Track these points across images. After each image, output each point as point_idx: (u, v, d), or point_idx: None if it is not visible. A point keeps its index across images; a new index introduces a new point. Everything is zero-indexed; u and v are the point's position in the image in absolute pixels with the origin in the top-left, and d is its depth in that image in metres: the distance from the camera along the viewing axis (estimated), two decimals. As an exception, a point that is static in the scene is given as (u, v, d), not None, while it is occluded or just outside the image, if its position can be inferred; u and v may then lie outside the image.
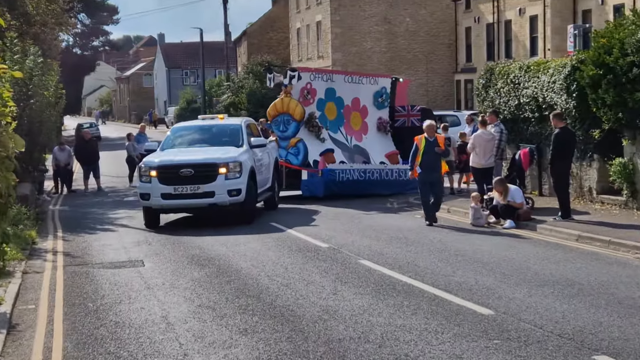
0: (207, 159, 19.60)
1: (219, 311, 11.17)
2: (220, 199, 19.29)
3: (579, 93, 19.60)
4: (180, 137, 21.69)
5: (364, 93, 27.33)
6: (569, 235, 16.32)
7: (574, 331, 9.56)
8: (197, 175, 19.21)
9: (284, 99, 25.62)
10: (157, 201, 19.34)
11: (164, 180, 19.26)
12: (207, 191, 19.23)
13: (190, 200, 19.32)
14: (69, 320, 11.12)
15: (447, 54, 52.70)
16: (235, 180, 19.39)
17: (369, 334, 9.74)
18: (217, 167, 19.32)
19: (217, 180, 19.25)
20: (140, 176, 19.77)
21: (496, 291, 11.76)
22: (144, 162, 19.92)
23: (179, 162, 19.52)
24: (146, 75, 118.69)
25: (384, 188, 25.47)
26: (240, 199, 19.48)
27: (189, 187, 19.18)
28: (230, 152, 19.97)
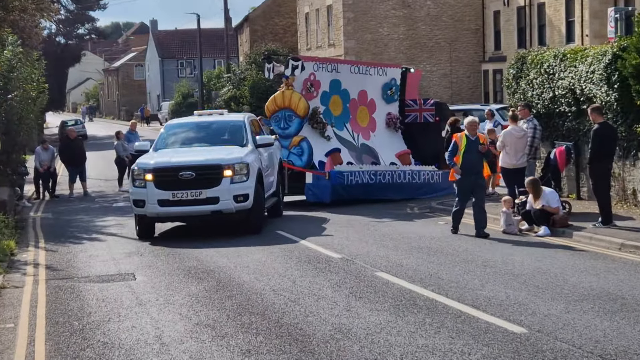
0: (210, 160, 19.15)
1: (219, 330, 11.18)
2: (225, 205, 18.88)
3: (621, 84, 19.55)
4: (175, 135, 21.29)
5: (372, 85, 27.21)
6: (610, 243, 16.27)
7: (617, 351, 9.53)
8: (199, 178, 18.78)
9: (286, 92, 25.29)
10: (153, 208, 18.89)
11: (161, 184, 18.84)
12: (211, 197, 18.80)
13: (191, 208, 18.89)
14: (52, 340, 11.14)
15: (473, 41, 52.63)
16: (242, 184, 18.98)
17: (387, 355, 9.72)
18: (222, 170, 18.90)
19: (221, 185, 18.82)
20: (133, 180, 19.23)
21: (529, 307, 11.73)
22: (137, 165, 19.38)
23: (177, 164, 19.08)
24: (137, 66, 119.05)
25: (395, 192, 25.33)
26: (247, 205, 19.09)
27: (189, 193, 18.76)
28: (235, 152, 19.58)
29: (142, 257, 17.26)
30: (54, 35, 78.26)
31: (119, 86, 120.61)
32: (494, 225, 19.37)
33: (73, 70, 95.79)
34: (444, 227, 19.79)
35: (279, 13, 69.34)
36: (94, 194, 31.22)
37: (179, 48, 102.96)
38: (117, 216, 24.43)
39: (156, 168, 19.02)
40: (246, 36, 71.54)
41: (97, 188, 33.26)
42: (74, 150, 31.31)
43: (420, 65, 51.89)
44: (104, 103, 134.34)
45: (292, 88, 25.27)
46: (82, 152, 31.47)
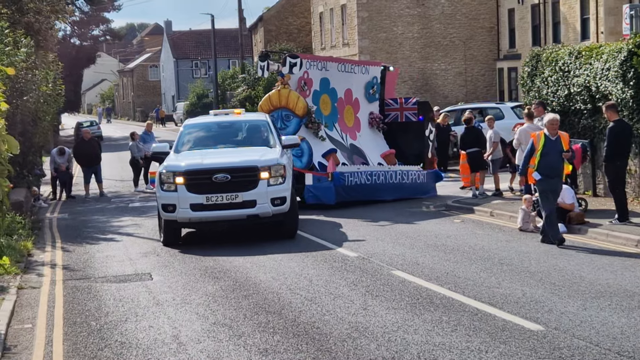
0: (246, 162, 18.26)
1: (236, 329, 11.20)
2: (263, 209, 17.97)
3: (636, 81, 19.48)
4: (196, 135, 20.42)
5: (356, 84, 26.58)
6: (627, 240, 16.23)
7: (635, 349, 9.51)
8: (235, 181, 17.84)
9: (282, 90, 24.45)
10: (185, 213, 17.89)
11: (194, 188, 17.84)
12: (247, 200, 17.88)
13: (226, 212, 17.93)
14: (69, 340, 11.19)
15: (487, 39, 52.52)
16: (279, 187, 18.13)
17: (404, 353, 9.73)
18: (259, 172, 18.00)
19: (258, 187, 17.93)
20: (162, 183, 18.17)
21: (546, 304, 11.72)
22: (165, 167, 18.37)
23: (211, 166, 18.11)
24: (152, 67, 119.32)
25: (388, 194, 24.66)
26: (284, 208, 18.22)
27: (224, 196, 17.80)
28: (269, 154, 18.77)
29: (158, 257, 17.31)
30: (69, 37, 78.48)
31: (133, 87, 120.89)
32: (510, 223, 19.35)
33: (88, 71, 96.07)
34: (459, 225, 19.78)
35: (293, 13, 69.36)
36: (110, 195, 31.31)
37: (193, 49, 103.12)
38: (133, 216, 24.50)
39: (188, 170, 18.04)
40: (260, 36, 71.60)
41: (112, 189, 33.35)
42: (89, 151, 31.39)
43: (435, 64, 51.94)
44: (119, 104, 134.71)
45: (288, 86, 24.53)
46: (97, 153, 31.52)
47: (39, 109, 26.89)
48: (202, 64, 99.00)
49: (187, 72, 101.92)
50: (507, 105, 34.23)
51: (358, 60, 33.54)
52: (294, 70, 24.67)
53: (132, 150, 32.48)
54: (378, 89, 27.29)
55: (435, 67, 52.01)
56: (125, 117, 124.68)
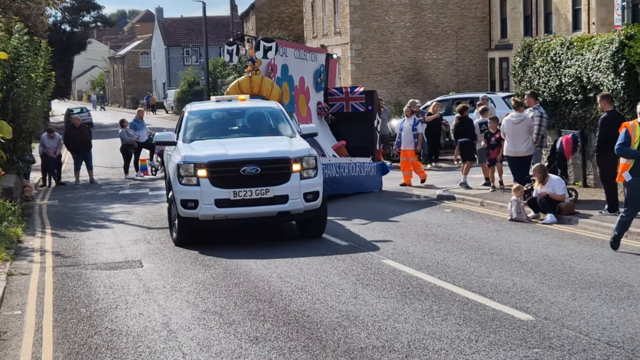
0: (277, 153, 16.63)
1: (227, 317, 11.21)
2: (295, 205, 16.41)
3: (628, 72, 19.49)
4: (203, 123, 18.53)
5: (308, 71, 25.51)
6: (617, 231, 16.24)
7: (624, 339, 9.55)
8: (265, 174, 16.22)
9: (254, 77, 22.72)
10: (209, 210, 16.18)
11: (219, 181, 16.19)
12: (279, 195, 16.30)
13: (255, 209, 16.29)
14: (59, 327, 11.18)
15: (479, 29, 52.49)
16: (312, 181, 16.60)
17: (394, 342, 9.75)
18: (291, 163, 16.43)
19: (290, 181, 16.37)
20: (180, 177, 16.40)
21: (536, 294, 11.75)
22: (185, 158, 16.49)
23: (239, 156, 16.45)
24: (143, 54, 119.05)
25: (351, 187, 23.66)
26: (316, 204, 16.68)
27: (253, 191, 16.20)
28: (297, 144, 17.19)
29: (148, 245, 17.28)
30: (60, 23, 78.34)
31: (124, 74, 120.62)
32: (500, 213, 19.38)
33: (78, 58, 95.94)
34: (450, 214, 19.81)
35: (285, 1, 69.21)
36: (100, 182, 31.25)
37: (184, 36, 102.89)
38: (123, 204, 24.46)
39: (213, 162, 16.29)
40: (252, 24, 71.46)
41: (103, 175, 33.30)
42: (79, 138, 31.30)
43: (426, 54, 51.88)
44: (110, 91, 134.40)
45: (259, 72, 22.88)
46: (87, 140, 31.42)
47: (30, 95, 26.77)
48: (194, 52, 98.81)
49: (178, 60, 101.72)
50: (499, 96, 34.22)
51: (308, 47, 31.39)
52: (268, 55, 23.15)
53: (123, 137, 32.42)
54: (324, 78, 26.29)
55: (426, 57, 51.98)
56: (116, 104, 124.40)
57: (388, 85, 51.37)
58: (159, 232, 18.77)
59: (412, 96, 43.36)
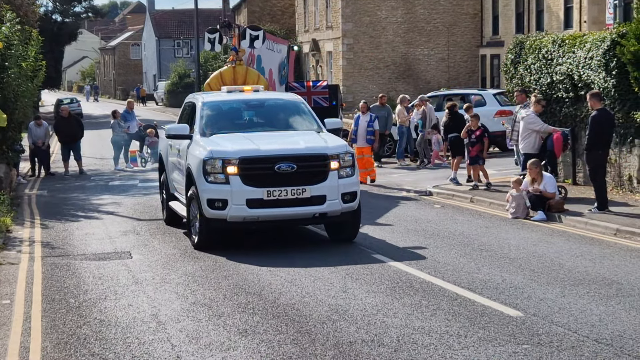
0: (314, 148, 15.31)
1: (216, 309, 11.20)
2: (333, 206, 15.10)
3: (619, 71, 19.55)
4: (220, 116, 17.00)
5: (275, 63, 24.57)
6: (606, 229, 16.31)
7: (612, 336, 9.57)
8: (301, 172, 14.91)
9: (238, 67, 21.39)
10: (239, 211, 14.81)
11: (251, 180, 14.83)
12: (316, 195, 14.98)
13: (291, 210, 14.96)
14: (48, 317, 11.15)
15: (471, 26, 52.55)
16: (350, 180, 15.32)
17: (384, 336, 9.76)
18: (329, 161, 15.17)
19: (328, 180, 15.06)
20: (206, 174, 14.98)
21: (525, 290, 11.77)
22: (212, 153, 15.04)
23: (273, 152, 15.10)
24: (134, 45, 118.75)
25: None
26: (353, 206, 15.43)
27: (289, 190, 14.87)
28: (331, 140, 15.87)
29: (138, 236, 17.26)
30: (51, 13, 78.08)
31: (115, 65, 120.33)
32: (490, 210, 19.41)
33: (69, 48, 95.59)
34: (439, 210, 19.82)
35: (277, -6, 69.13)
36: (90, 173, 31.15)
37: (175, 28, 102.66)
38: (113, 194, 24.40)
39: (244, 158, 14.89)
40: (244, 17, 71.32)
41: (92, 166, 33.19)
42: (67, 129, 31.17)
43: (417, 49, 51.94)
44: (100, 82, 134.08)
45: (243, 63, 21.63)
46: (75, 131, 31.19)
47: (20, 84, 26.68)
48: (185, 44, 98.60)
49: (169, 52, 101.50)
50: (489, 92, 34.23)
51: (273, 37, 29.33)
52: (255, 44, 22.18)
53: (114, 128, 32.35)
54: (287, 71, 25.54)
55: (418, 52, 52.04)
56: (106, 95, 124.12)
57: (379, 80, 51.42)
58: (149, 224, 18.74)
59: (403, 91, 43.39)
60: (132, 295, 12.18)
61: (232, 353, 9.34)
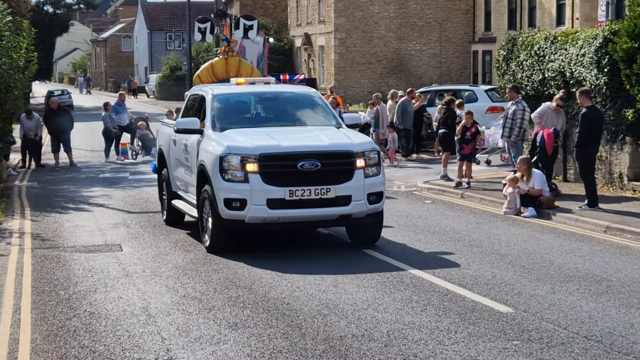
0: (339, 145, 14.35)
1: (206, 303, 11.19)
2: (358, 207, 14.12)
3: (611, 68, 19.57)
4: (232, 109, 16.01)
5: (255, 55, 23.99)
6: (596, 226, 16.33)
7: (602, 333, 9.59)
8: (326, 170, 13.92)
9: (230, 59, 20.42)
10: (259, 212, 13.79)
11: (272, 178, 13.83)
12: (341, 195, 14.00)
13: (314, 211, 13.97)
14: (37, 309, 11.13)
15: (463, 22, 52.57)
16: (376, 179, 14.36)
17: (374, 331, 9.76)
18: (355, 159, 14.20)
19: (354, 179, 14.08)
20: (223, 171, 13.95)
21: (515, 287, 11.79)
22: (230, 149, 13.99)
23: (295, 149, 14.06)
24: (125, 37, 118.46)
25: None
26: (379, 207, 14.52)
27: (313, 190, 13.87)
28: (355, 136, 14.97)
29: (128, 229, 17.22)
30: (42, 4, 77.91)
31: (106, 57, 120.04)
32: (481, 206, 19.43)
33: (60, 40, 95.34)
34: (430, 206, 19.83)
35: (269, -12, 69.02)
36: (80, 165, 31.06)
37: (167, 20, 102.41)
38: (104, 187, 24.34)
39: (265, 155, 13.88)
40: (236, 10, 71.17)
41: (83, 158, 33.11)
42: (56, 120, 31.06)
43: (410, 45, 51.93)
44: (92, 74, 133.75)
45: (235, 54, 20.68)
46: (65, 123, 31.10)
47: (11, 75, 26.59)
48: (176, 37, 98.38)
49: (160, 44, 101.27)
50: (481, 88, 34.25)
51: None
52: (249, 35, 21.38)
53: (105, 120, 32.26)
54: (263, 63, 24.95)
55: (410, 48, 52.05)
56: (97, 87, 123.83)
57: (371, 75, 51.43)
58: (139, 216, 18.71)
59: (395, 86, 43.36)
60: (122, 288, 12.16)
61: (222, 347, 9.33)
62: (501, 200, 18.64)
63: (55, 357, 9.18)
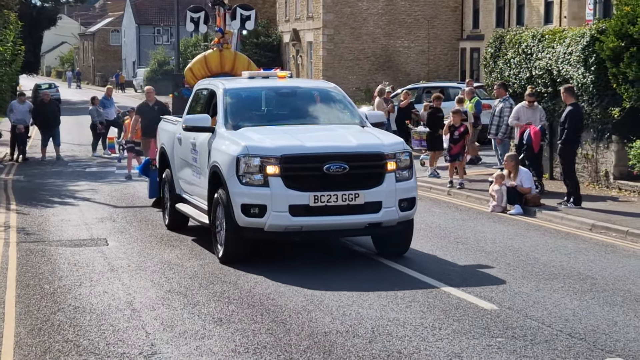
0: (369, 146, 13.17)
1: (191, 298, 11.18)
2: (389, 215, 12.91)
3: (597, 67, 19.62)
4: (246, 106, 14.77)
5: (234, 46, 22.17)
6: (581, 224, 16.38)
7: (586, 330, 9.62)
8: (354, 173, 12.72)
9: (225, 52, 19.25)
10: (280, 219, 12.55)
11: (295, 182, 12.63)
12: (371, 202, 12.77)
13: (340, 219, 12.75)
14: (22, 303, 11.10)
15: (451, 19, 52.57)
16: (408, 184, 13.16)
17: (358, 327, 9.77)
18: (386, 161, 13.02)
19: (385, 183, 12.88)
20: (240, 174, 12.70)
21: (500, 284, 11.82)
22: (247, 149, 12.74)
23: (320, 149, 12.85)
24: (113, 32, 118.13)
25: None
26: (411, 214, 13.35)
27: (340, 195, 12.63)
28: (384, 136, 13.83)
29: (114, 223, 17.18)
30: (30, -3, 77.55)
31: (94, 51, 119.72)
32: (467, 203, 19.45)
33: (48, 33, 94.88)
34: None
35: (258, -17, 68.95)
36: (67, 159, 30.98)
37: (155, 15, 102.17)
38: (90, 181, 24.28)
39: (288, 156, 12.63)
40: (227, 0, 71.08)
41: (70, 152, 33.02)
42: (48, 114, 30.98)
43: (398, 41, 51.89)
44: (79, 68, 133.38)
45: (230, 46, 19.53)
46: (56, 116, 31.13)
47: (-2, 69, 26.57)
48: (165, 31, 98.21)
49: (148, 39, 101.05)
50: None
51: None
52: (247, 26, 20.32)
53: (92, 114, 32.19)
54: None
55: (398, 45, 52.01)
56: (85, 81, 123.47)
57: (359, 71, 51.40)
58: (125, 211, 18.68)
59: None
60: (108, 282, 12.14)
61: (207, 342, 9.33)
62: (487, 198, 18.67)
63: (39, 351, 9.16)
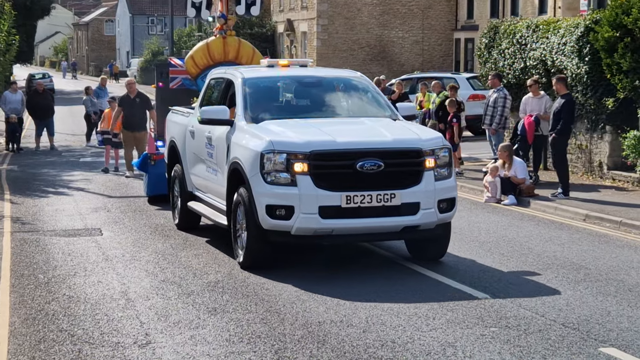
0: (406, 141, 12.04)
1: (185, 288, 11.18)
2: (427, 217, 11.84)
3: (592, 57, 19.64)
4: (267, 97, 13.69)
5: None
6: (575, 214, 16.41)
7: (579, 320, 9.65)
8: (389, 171, 11.62)
9: (229, 39, 18.26)
10: (309, 222, 11.48)
11: (325, 180, 11.52)
12: (408, 203, 11.69)
13: (374, 221, 11.69)
14: (16, 292, 11.10)
15: (446, 9, 52.56)
16: (448, 183, 12.06)
17: (352, 317, 9.78)
18: (424, 158, 11.87)
19: (423, 183, 11.77)
20: (264, 172, 11.60)
21: (494, 274, 11.84)
22: (272, 145, 11.64)
23: (353, 145, 11.76)
24: (107, 21, 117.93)
25: None
26: (450, 216, 12.28)
27: (374, 195, 11.55)
28: (421, 130, 12.88)
29: (109, 213, 17.18)
30: (24, -14, 77.30)
31: (88, 41, 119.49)
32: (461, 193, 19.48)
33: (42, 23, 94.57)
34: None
35: (252, -27, 68.79)
36: (61, 149, 30.95)
37: (149, 4, 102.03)
38: (84, 171, 24.25)
39: (318, 152, 11.52)
40: (218, -5, 70.97)
41: (64, 142, 32.98)
42: (42, 104, 30.94)
43: (392, 32, 51.86)
44: (74, 58, 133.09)
45: (233, 33, 18.56)
46: (50, 106, 31.11)
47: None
48: (159, 21, 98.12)
49: (142, 29, 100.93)
50: (463, 76, 34.27)
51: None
52: (252, 11, 19.31)
53: (86, 104, 32.12)
54: None
55: (392, 35, 51.99)
56: (79, 71, 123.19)
57: (353, 61, 51.30)
58: (120, 201, 18.67)
59: (377, 74, 43.34)
60: (102, 272, 12.14)
61: (201, 331, 9.34)
62: (481, 188, 18.69)
63: (33, 340, 9.16)
